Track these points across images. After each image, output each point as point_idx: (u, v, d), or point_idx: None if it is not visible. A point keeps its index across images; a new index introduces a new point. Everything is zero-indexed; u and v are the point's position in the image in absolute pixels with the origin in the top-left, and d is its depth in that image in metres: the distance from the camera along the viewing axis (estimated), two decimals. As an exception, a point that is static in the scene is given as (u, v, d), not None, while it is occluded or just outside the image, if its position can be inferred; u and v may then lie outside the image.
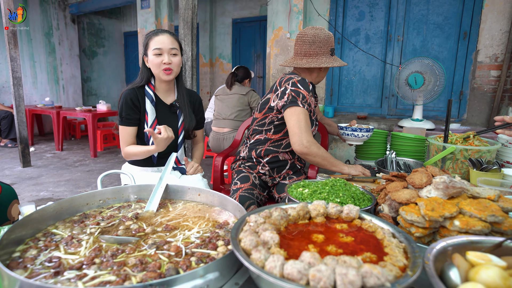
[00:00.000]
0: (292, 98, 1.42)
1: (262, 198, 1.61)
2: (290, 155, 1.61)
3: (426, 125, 2.75)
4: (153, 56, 1.47)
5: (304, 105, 1.42)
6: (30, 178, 3.79)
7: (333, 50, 1.50)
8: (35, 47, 6.49)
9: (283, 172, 1.63)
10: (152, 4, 5.38)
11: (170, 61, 1.47)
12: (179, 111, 1.62)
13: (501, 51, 3.37)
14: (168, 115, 1.60)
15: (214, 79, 6.45)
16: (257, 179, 1.62)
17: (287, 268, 0.48)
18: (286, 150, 1.59)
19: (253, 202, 1.49)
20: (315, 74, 1.57)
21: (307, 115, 1.43)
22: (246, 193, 1.51)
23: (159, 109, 1.57)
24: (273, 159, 1.60)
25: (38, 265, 0.61)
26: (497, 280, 0.45)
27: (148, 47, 1.49)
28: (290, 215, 0.70)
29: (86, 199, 0.91)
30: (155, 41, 1.46)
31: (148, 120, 1.52)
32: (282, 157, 1.60)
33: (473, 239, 0.60)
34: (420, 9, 3.78)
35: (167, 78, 1.51)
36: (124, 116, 1.50)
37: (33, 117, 5.90)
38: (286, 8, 4.14)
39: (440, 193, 0.77)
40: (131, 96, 1.51)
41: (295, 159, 1.64)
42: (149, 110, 1.53)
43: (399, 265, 0.53)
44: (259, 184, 1.61)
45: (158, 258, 0.64)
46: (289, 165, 1.62)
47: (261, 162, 1.61)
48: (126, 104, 1.50)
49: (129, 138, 1.53)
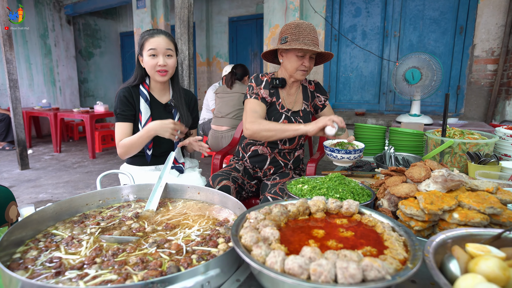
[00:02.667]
0: (247, 92, 1.58)
1: (245, 183, 1.61)
2: (268, 149, 1.62)
3: (424, 120, 2.75)
4: (148, 57, 1.46)
5: (251, 96, 1.55)
6: (28, 180, 3.77)
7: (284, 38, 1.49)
8: (31, 49, 6.45)
9: (265, 168, 1.64)
10: (148, 4, 5.36)
11: (165, 63, 1.47)
12: (175, 110, 1.61)
13: (497, 45, 3.38)
14: (163, 114, 1.59)
15: (212, 78, 6.43)
16: (242, 166, 1.66)
17: (288, 263, 0.48)
18: (262, 142, 1.62)
19: (225, 178, 1.48)
20: (283, 67, 1.60)
21: (254, 102, 1.54)
22: (220, 172, 1.55)
23: (154, 108, 1.57)
24: (254, 153, 1.64)
25: (39, 266, 0.61)
26: (496, 270, 0.46)
27: (143, 47, 1.48)
28: (290, 211, 0.70)
29: (85, 200, 0.91)
30: (150, 42, 1.45)
31: (142, 119, 1.52)
32: (261, 151, 1.63)
33: (472, 231, 0.61)
34: (416, 5, 3.78)
35: (162, 79, 1.51)
36: (119, 112, 1.50)
37: (30, 119, 5.87)
38: (282, 6, 4.14)
39: (438, 187, 0.77)
40: (125, 93, 1.51)
41: (275, 153, 1.64)
42: (143, 109, 1.52)
43: (399, 258, 0.53)
44: (244, 171, 1.64)
45: (159, 256, 0.64)
46: (269, 160, 1.64)
47: (245, 157, 1.68)
48: (121, 100, 1.50)
49: (125, 134, 1.51)
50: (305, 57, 1.50)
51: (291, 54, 1.50)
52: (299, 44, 1.44)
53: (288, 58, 1.52)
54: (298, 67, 1.51)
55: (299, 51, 1.47)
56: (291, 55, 1.50)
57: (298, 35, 1.45)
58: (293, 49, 1.47)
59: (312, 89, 1.74)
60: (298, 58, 1.49)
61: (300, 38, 1.44)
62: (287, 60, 1.53)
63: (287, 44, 1.45)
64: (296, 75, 1.55)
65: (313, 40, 1.47)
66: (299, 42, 1.44)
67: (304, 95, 1.69)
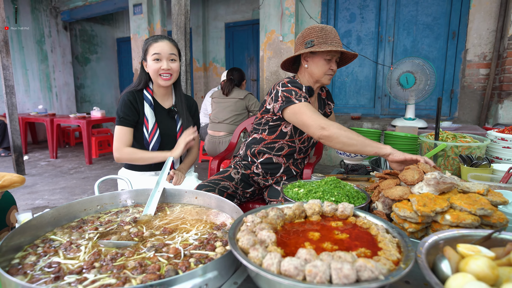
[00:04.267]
0: (286, 98, 1.41)
1: (238, 191, 1.54)
2: (284, 159, 1.58)
3: (419, 123, 2.79)
4: (152, 62, 1.49)
5: (300, 100, 1.38)
6: (24, 186, 3.75)
7: (309, 42, 1.42)
8: (27, 54, 6.45)
9: (277, 175, 1.59)
10: (144, 10, 5.39)
11: (169, 67, 1.50)
12: (177, 115, 1.63)
13: (489, 50, 3.45)
14: (166, 119, 1.61)
15: (208, 83, 6.46)
16: (239, 174, 1.57)
17: (284, 265, 0.49)
18: (279, 153, 1.56)
19: (211, 189, 1.42)
20: (307, 74, 1.52)
21: (308, 105, 1.38)
22: (207, 182, 1.46)
23: (157, 113, 1.59)
24: (267, 160, 1.57)
25: (38, 271, 0.62)
26: (485, 269, 0.47)
27: (147, 52, 1.51)
28: (286, 214, 0.72)
29: (83, 205, 0.92)
30: (154, 47, 1.49)
31: (148, 125, 1.54)
32: (276, 160, 1.57)
33: (464, 232, 0.62)
34: (409, 10, 3.84)
35: (165, 83, 1.53)
36: (122, 116, 1.50)
37: (26, 125, 5.84)
38: (278, 12, 4.19)
39: (431, 189, 0.79)
40: (130, 98, 1.52)
41: (290, 163, 1.60)
42: (149, 115, 1.54)
43: (393, 259, 0.54)
44: (241, 180, 1.56)
45: (157, 260, 0.65)
46: (283, 168, 1.59)
47: (255, 163, 1.59)
48: (125, 104, 1.51)
49: (126, 139, 1.51)
50: (332, 60, 1.45)
51: (318, 58, 1.44)
52: (328, 46, 1.38)
53: (316, 63, 1.45)
54: (326, 71, 1.46)
55: (327, 54, 1.42)
56: (319, 59, 1.44)
57: (326, 38, 1.39)
58: (321, 53, 1.42)
59: (324, 96, 1.70)
60: (326, 62, 1.44)
61: (328, 41, 1.39)
62: (314, 64, 1.46)
63: (316, 47, 1.38)
64: (323, 79, 1.49)
65: (339, 43, 1.43)
66: (327, 44, 1.39)
67: (319, 103, 1.66)
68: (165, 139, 1.60)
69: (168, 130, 1.61)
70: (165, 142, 1.59)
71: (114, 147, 1.52)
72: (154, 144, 1.55)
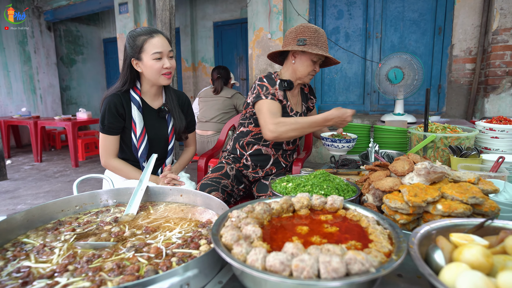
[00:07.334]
0: (257, 92, 1.49)
1: (234, 189, 1.56)
2: (273, 150, 1.60)
3: (408, 118, 2.80)
4: (152, 61, 1.35)
5: (267, 97, 1.46)
6: (6, 191, 3.62)
7: (302, 40, 1.44)
8: (9, 56, 6.24)
9: (267, 168, 1.61)
10: (130, 9, 5.29)
11: (170, 65, 1.39)
12: (168, 115, 1.53)
13: (474, 45, 3.49)
14: (156, 121, 1.50)
15: (198, 83, 6.38)
16: (234, 170, 1.60)
17: (269, 260, 0.46)
18: (267, 143, 1.59)
19: (215, 189, 1.44)
20: (291, 68, 1.54)
21: (271, 103, 1.46)
22: (210, 181, 1.48)
23: (146, 115, 1.47)
24: (256, 152, 1.60)
25: (4, 277, 0.57)
26: (480, 258, 0.45)
27: (142, 50, 1.34)
28: (274, 209, 0.68)
29: (60, 206, 0.87)
30: (153, 44, 1.34)
31: (136, 129, 1.42)
32: (265, 151, 1.59)
33: (456, 221, 0.61)
34: (396, 6, 3.87)
35: (167, 82, 1.42)
36: (106, 124, 1.39)
37: (9, 128, 5.65)
38: (266, 9, 4.16)
39: (422, 179, 0.77)
40: (115, 103, 1.38)
41: (279, 155, 1.62)
42: (137, 118, 1.42)
43: (384, 251, 0.52)
44: (235, 176, 1.59)
45: (137, 261, 0.61)
46: (272, 160, 1.61)
47: (244, 155, 1.61)
48: (110, 111, 1.38)
49: (111, 148, 1.43)
50: (317, 62, 1.52)
51: (306, 58, 1.48)
52: (319, 49, 1.43)
53: (303, 62, 1.50)
54: (310, 71, 1.52)
55: (315, 56, 1.47)
56: (306, 59, 1.49)
57: (317, 40, 1.45)
58: (310, 54, 1.46)
59: (307, 91, 1.75)
60: (312, 63, 1.49)
61: (319, 43, 1.45)
62: (301, 63, 1.51)
63: (307, 47, 1.42)
64: (305, 78, 1.55)
65: (327, 47, 1.50)
66: (318, 47, 1.44)
67: (302, 97, 1.70)
68: (155, 144, 1.50)
69: (158, 133, 1.50)
70: (154, 147, 1.49)
71: (101, 154, 1.44)
72: (142, 151, 1.45)
